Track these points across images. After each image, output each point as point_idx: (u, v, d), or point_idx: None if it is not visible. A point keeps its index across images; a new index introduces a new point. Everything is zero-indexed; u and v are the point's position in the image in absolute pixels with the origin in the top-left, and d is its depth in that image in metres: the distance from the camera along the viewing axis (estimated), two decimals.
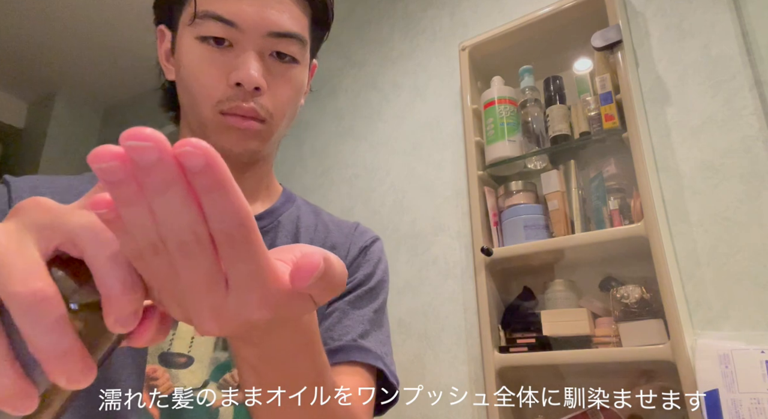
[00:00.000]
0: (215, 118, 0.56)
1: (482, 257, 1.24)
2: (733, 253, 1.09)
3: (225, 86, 0.55)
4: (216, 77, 0.55)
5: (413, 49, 1.80)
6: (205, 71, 0.55)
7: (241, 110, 0.55)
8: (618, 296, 1.10)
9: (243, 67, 0.54)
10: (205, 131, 0.57)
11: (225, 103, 0.55)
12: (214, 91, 0.55)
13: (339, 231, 0.70)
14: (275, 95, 0.58)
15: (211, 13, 0.55)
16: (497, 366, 1.17)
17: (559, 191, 1.26)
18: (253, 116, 0.56)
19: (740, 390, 0.90)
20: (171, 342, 0.55)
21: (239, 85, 0.55)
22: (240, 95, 0.55)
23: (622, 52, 1.19)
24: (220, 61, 0.55)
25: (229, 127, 0.56)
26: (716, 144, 1.16)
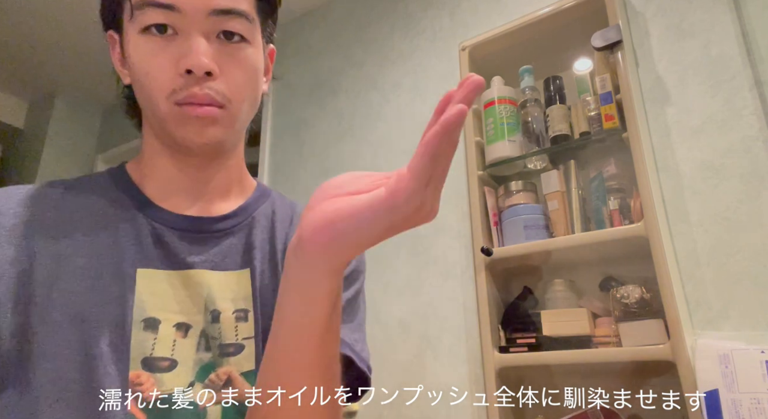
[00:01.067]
0: (172, 110, 0.54)
1: (482, 257, 1.24)
2: (733, 253, 1.09)
3: (175, 75, 0.53)
4: (165, 68, 0.53)
5: (413, 49, 1.80)
6: (153, 64, 0.54)
7: (196, 97, 0.54)
8: (618, 296, 1.10)
9: (190, 53, 0.53)
10: (165, 125, 0.55)
11: (179, 93, 0.53)
12: (166, 82, 0.53)
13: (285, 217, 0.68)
14: (229, 78, 0.56)
15: (147, 1, 0.53)
16: (497, 366, 1.17)
17: (559, 191, 1.26)
18: (209, 103, 0.54)
19: (740, 390, 0.90)
20: (153, 346, 0.54)
21: (190, 72, 0.53)
22: (192, 83, 0.53)
23: (622, 52, 1.19)
24: (167, 50, 0.54)
25: (187, 116, 0.54)
26: (716, 144, 1.16)
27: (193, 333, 0.56)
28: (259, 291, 0.60)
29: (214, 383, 0.56)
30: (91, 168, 2.83)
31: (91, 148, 2.91)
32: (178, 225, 0.59)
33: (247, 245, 0.62)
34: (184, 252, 0.57)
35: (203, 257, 0.59)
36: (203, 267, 0.58)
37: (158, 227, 0.57)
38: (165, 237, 0.57)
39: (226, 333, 0.58)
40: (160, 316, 0.54)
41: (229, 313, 0.58)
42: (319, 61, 2.06)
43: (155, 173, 0.60)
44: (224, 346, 0.58)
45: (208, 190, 0.62)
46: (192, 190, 0.61)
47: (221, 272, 0.59)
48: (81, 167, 2.83)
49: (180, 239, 0.58)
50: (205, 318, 0.57)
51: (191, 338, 0.56)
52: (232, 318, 0.59)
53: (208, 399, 0.55)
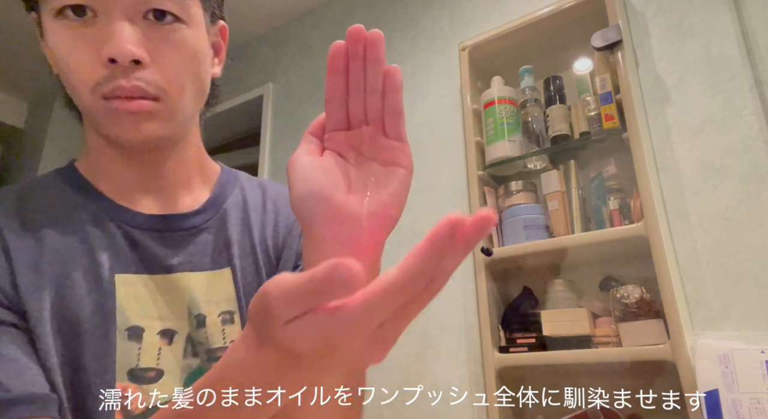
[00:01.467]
0: (98, 105, 0.47)
1: (482, 257, 1.24)
2: (733, 253, 1.09)
3: (98, 66, 0.46)
4: (86, 58, 0.46)
5: (413, 49, 1.80)
6: (73, 54, 0.47)
7: (124, 90, 0.47)
8: (618, 296, 1.10)
9: (113, 39, 0.45)
10: (95, 120, 0.49)
11: (103, 85, 0.46)
12: (89, 74, 0.47)
13: (285, 205, 0.63)
14: (163, 66, 0.49)
15: None
16: (497, 366, 1.17)
17: (559, 191, 1.26)
18: (141, 95, 0.48)
19: (740, 390, 0.90)
20: (138, 357, 0.50)
21: (114, 61, 0.46)
22: (118, 73, 0.46)
23: (622, 52, 1.19)
24: (86, 36, 0.46)
25: (117, 112, 0.47)
26: (716, 144, 1.16)
27: (179, 339, 0.53)
28: (243, 290, 0.57)
29: None
30: None
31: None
32: (148, 226, 0.54)
33: (224, 241, 0.58)
34: (160, 255, 0.54)
35: (181, 258, 0.55)
36: (183, 270, 0.55)
37: (129, 230, 0.53)
38: (138, 240, 0.53)
39: (213, 337, 0.55)
40: (143, 324, 0.51)
41: (215, 316, 0.56)
42: (319, 61, 2.06)
43: (108, 171, 0.55)
44: (212, 351, 0.55)
45: (167, 184, 0.57)
46: (150, 186, 0.56)
47: (201, 272, 0.56)
48: None
49: (154, 241, 0.54)
50: (189, 323, 0.54)
51: (177, 344, 0.53)
52: (218, 321, 0.56)
53: None
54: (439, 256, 0.28)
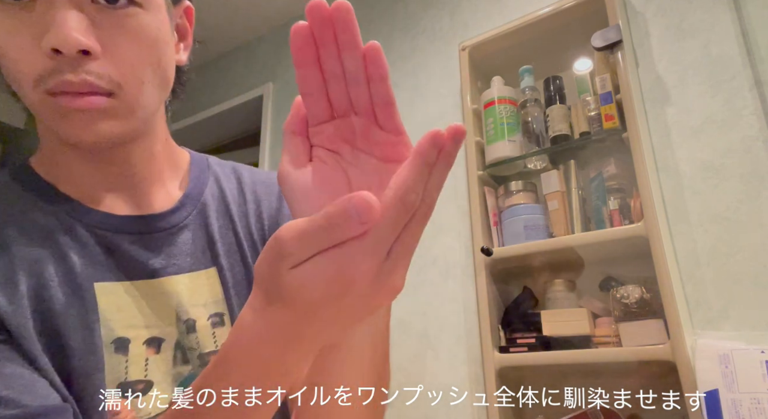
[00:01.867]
0: (43, 101, 0.41)
1: (482, 257, 1.24)
2: (733, 253, 1.09)
3: (41, 57, 0.40)
4: (26, 47, 0.40)
5: (413, 49, 1.80)
6: (10, 44, 0.41)
7: (71, 85, 0.40)
8: (618, 296, 1.10)
9: (56, 26, 0.39)
10: (43, 119, 0.44)
11: (47, 80, 0.40)
12: (30, 65, 0.40)
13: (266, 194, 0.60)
14: (116, 56, 0.42)
15: None
16: (497, 366, 1.17)
17: (559, 191, 1.26)
18: (91, 91, 0.42)
19: (740, 390, 0.90)
20: (126, 370, 0.47)
21: (59, 52, 0.39)
22: (64, 66, 0.40)
23: (622, 52, 1.19)
24: (26, 23, 0.40)
25: (64, 110, 0.41)
26: (716, 144, 1.16)
27: (167, 346, 0.50)
28: (233, 289, 0.54)
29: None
30: None
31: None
32: (123, 228, 0.49)
33: (207, 238, 0.54)
34: (140, 259, 0.49)
35: (162, 261, 0.51)
36: (166, 273, 0.51)
37: (102, 234, 0.48)
38: (114, 244, 0.48)
39: (204, 341, 0.52)
40: (129, 334, 0.48)
41: (205, 320, 0.52)
42: None
43: (69, 171, 0.49)
44: (204, 355, 0.52)
45: (136, 182, 0.52)
46: (118, 186, 0.51)
47: (186, 274, 0.52)
48: None
49: (131, 244, 0.49)
50: (178, 329, 0.51)
51: (165, 352, 0.50)
52: (209, 324, 0.53)
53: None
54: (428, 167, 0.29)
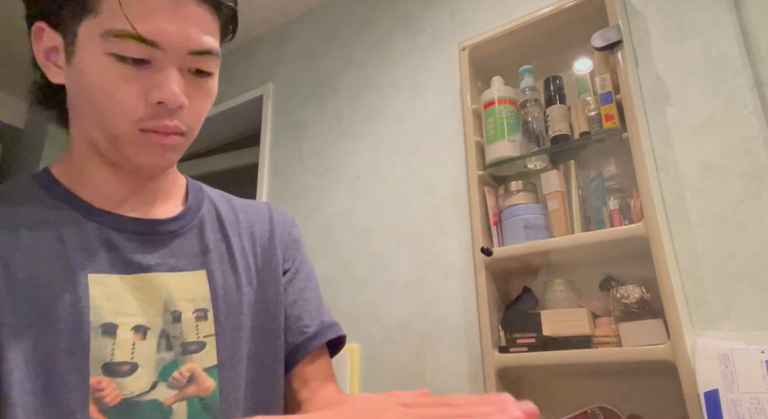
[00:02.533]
0: (133, 135, 0.54)
1: (482, 257, 1.24)
2: (733, 253, 1.09)
3: (145, 105, 0.53)
4: (134, 96, 0.53)
5: (413, 49, 1.80)
6: (121, 90, 0.53)
7: (165, 128, 0.55)
8: (618, 296, 1.10)
9: (166, 87, 0.53)
10: (119, 145, 0.55)
11: (147, 121, 0.54)
12: (133, 110, 0.53)
13: (257, 217, 0.72)
14: (194, 109, 0.57)
15: (131, 33, 0.51)
16: (497, 366, 1.17)
17: (559, 191, 1.26)
18: (174, 132, 0.56)
19: (740, 390, 0.90)
20: (113, 352, 0.54)
21: (161, 103, 0.54)
22: (162, 113, 0.54)
23: (622, 52, 1.19)
24: (139, 78, 0.53)
25: (150, 143, 0.55)
26: (716, 144, 1.17)
27: (152, 334, 0.57)
28: (222, 290, 0.63)
29: (178, 380, 0.57)
30: None
31: None
32: (126, 228, 0.59)
33: (202, 246, 0.64)
34: (137, 256, 0.58)
35: (158, 259, 0.60)
36: (160, 270, 0.59)
37: (106, 231, 0.57)
38: (114, 241, 0.57)
39: (187, 332, 0.59)
40: (117, 320, 0.54)
41: (190, 313, 0.60)
42: (319, 61, 2.06)
43: (92, 181, 0.60)
44: (186, 344, 0.59)
45: (147, 196, 0.63)
46: (130, 195, 0.61)
47: (177, 273, 0.61)
48: None
49: (131, 243, 0.58)
50: (164, 318, 0.58)
51: (150, 339, 0.56)
52: (193, 317, 0.60)
53: (172, 397, 0.56)
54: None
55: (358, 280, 1.64)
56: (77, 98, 0.57)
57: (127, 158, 0.56)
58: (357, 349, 1.53)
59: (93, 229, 0.57)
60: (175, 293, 0.60)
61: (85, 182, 0.60)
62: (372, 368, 1.51)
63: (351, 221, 1.74)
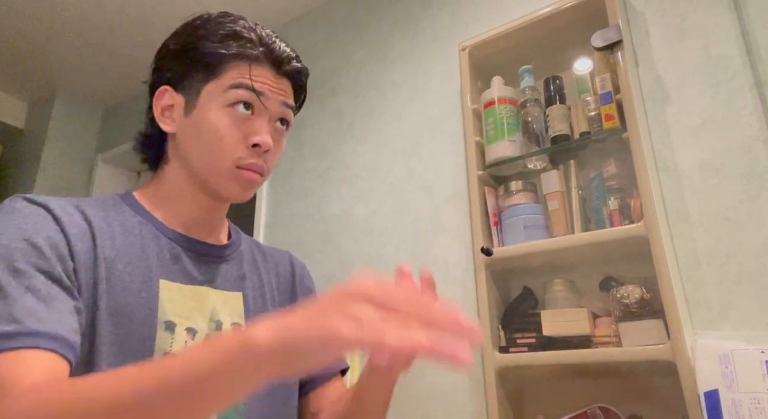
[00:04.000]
0: (231, 171, 0.69)
1: (482, 257, 1.24)
2: (733, 253, 1.09)
3: (244, 147, 0.69)
4: (237, 140, 0.69)
5: (413, 49, 1.80)
6: (229, 134, 0.68)
7: (256, 166, 0.70)
8: (618, 296, 1.10)
9: (262, 132, 0.69)
10: (218, 178, 0.69)
11: (244, 159, 0.69)
12: (236, 150, 0.68)
13: (281, 260, 0.87)
14: (272, 155, 0.72)
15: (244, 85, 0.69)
16: (497, 366, 1.17)
17: (559, 191, 1.26)
18: (259, 172, 0.70)
19: (740, 390, 0.90)
20: (171, 344, 0.64)
21: (255, 146, 0.69)
22: (255, 154, 0.69)
23: (622, 52, 1.19)
24: (242, 127, 0.69)
25: (241, 178, 0.69)
26: (716, 144, 1.16)
27: (199, 337, 0.67)
28: (252, 312, 0.75)
29: None
30: (91, 168, 2.83)
31: (91, 148, 2.91)
32: (190, 247, 0.72)
33: (239, 273, 0.77)
34: (194, 271, 0.71)
35: (209, 277, 0.72)
36: (209, 286, 0.72)
37: (176, 247, 0.70)
38: (181, 256, 0.70)
39: None
40: (176, 320, 0.65)
41: (228, 325, 0.71)
42: (319, 61, 2.06)
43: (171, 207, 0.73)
44: None
45: (209, 227, 0.76)
46: (199, 225, 0.74)
47: (221, 291, 0.73)
48: (81, 167, 2.83)
49: (191, 260, 0.71)
50: (209, 326, 0.69)
51: (198, 341, 0.66)
52: (231, 328, 0.71)
53: None
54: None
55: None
56: (188, 142, 0.70)
57: (219, 189, 0.70)
58: None
59: (166, 244, 0.69)
60: (218, 306, 0.71)
61: (164, 207, 0.73)
62: None
63: (351, 221, 1.74)
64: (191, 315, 0.67)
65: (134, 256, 0.65)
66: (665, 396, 1.07)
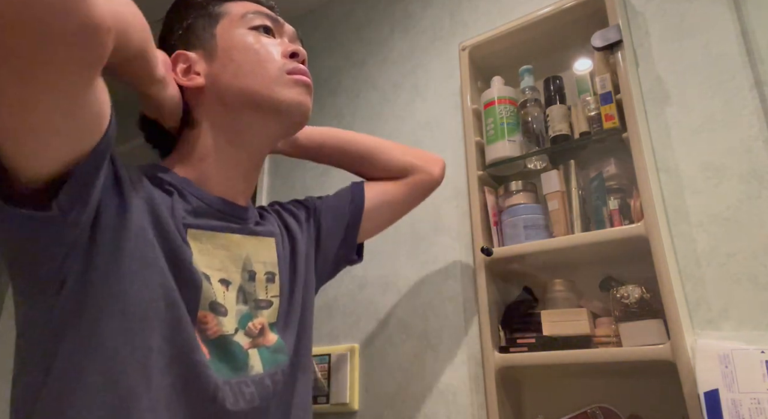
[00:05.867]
0: (282, 77, 0.71)
1: (482, 257, 1.24)
2: (733, 253, 1.09)
3: (281, 56, 0.72)
4: (274, 51, 0.72)
5: (413, 49, 1.80)
6: (264, 48, 0.72)
7: (302, 70, 0.73)
8: (618, 296, 1.10)
9: (293, 45, 0.75)
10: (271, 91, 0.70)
11: (287, 65, 0.72)
12: (275, 59, 0.72)
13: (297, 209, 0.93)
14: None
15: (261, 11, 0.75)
16: (497, 366, 1.17)
17: (559, 191, 1.26)
18: (308, 76, 0.74)
19: (740, 390, 0.90)
20: (214, 294, 0.65)
21: (294, 55, 0.74)
22: (296, 61, 0.74)
23: (622, 52, 1.19)
24: (272, 42, 0.74)
25: (296, 81, 0.72)
26: (716, 144, 1.16)
27: (233, 288, 0.68)
28: (282, 258, 0.77)
29: (251, 331, 0.69)
30: None
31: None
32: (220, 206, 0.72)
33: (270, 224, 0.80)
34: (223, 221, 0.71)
35: (240, 225, 0.73)
36: (241, 232, 0.72)
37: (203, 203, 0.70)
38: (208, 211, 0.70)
39: (259, 290, 0.72)
40: (208, 272, 0.65)
41: (262, 274, 0.73)
42: (319, 61, 2.06)
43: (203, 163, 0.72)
44: (258, 301, 0.71)
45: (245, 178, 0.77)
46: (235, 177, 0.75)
47: (255, 237, 0.74)
48: None
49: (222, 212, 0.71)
50: (242, 276, 0.70)
51: (232, 292, 0.68)
52: (264, 279, 0.73)
53: (247, 343, 0.68)
54: None
55: (358, 280, 1.64)
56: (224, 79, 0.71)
57: (278, 101, 0.71)
58: (357, 349, 1.53)
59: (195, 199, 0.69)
60: (252, 254, 0.72)
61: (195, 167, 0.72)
62: (372, 368, 1.50)
63: None
64: (223, 266, 0.68)
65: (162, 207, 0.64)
66: (665, 396, 1.07)
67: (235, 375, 0.64)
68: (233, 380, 0.63)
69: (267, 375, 0.67)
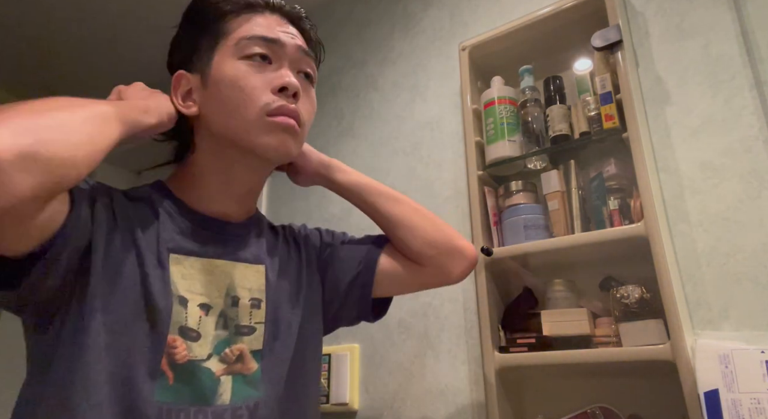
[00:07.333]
0: (261, 120, 0.67)
1: (482, 257, 1.24)
2: (733, 253, 1.09)
3: (268, 93, 0.67)
4: (261, 86, 0.67)
5: (413, 49, 1.80)
6: (250, 82, 0.67)
7: (288, 109, 0.68)
8: (618, 296, 1.10)
9: (284, 76, 0.68)
10: (250, 131, 0.67)
11: (271, 105, 0.67)
12: (260, 97, 0.67)
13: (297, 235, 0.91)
14: (304, 106, 0.71)
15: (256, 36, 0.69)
16: (497, 366, 1.17)
17: (559, 191, 1.26)
18: (295, 117, 0.68)
19: (740, 390, 0.90)
20: (186, 318, 0.64)
21: (282, 90, 0.68)
22: (283, 99, 0.68)
23: (622, 52, 1.19)
24: (263, 74, 0.68)
25: (275, 125, 0.67)
26: (716, 144, 1.16)
27: (213, 312, 0.68)
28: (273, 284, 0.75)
29: (228, 357, 0.67)
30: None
31: None
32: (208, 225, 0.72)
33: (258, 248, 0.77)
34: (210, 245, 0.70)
35: (229, 250, 0.72)
36: (228, 259, 0.72)
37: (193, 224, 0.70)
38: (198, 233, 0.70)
39: (242, 316, 0.70)
40: (187, 296, 0.65)
41: (246, 300, 0.72)
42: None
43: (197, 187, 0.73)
44: (240, 327, 0.70)
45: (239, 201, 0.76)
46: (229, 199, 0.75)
47: (242, 264, 0.73)
48: None
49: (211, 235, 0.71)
50: (225, 301, 0.69)
51: (212, 316, 0.67)
52: (248, 304, 0.72)
53: (222, 369, 0.66)
54: None
55: None
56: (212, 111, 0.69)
57: (254, 146, 0.68)
58: (357, 349, 1.53)
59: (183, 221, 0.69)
60: (237, 280, 0.71)
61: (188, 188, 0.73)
62: (372, 368, 1.50)
63: (351, 221, 1.74)
64: (205, 291, 0.68)
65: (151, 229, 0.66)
66: (665, 396, 1.07)
67: (197, 402, 0.63)
68: (192, 408, 0.62)
69: (231, 408, 0.65)
